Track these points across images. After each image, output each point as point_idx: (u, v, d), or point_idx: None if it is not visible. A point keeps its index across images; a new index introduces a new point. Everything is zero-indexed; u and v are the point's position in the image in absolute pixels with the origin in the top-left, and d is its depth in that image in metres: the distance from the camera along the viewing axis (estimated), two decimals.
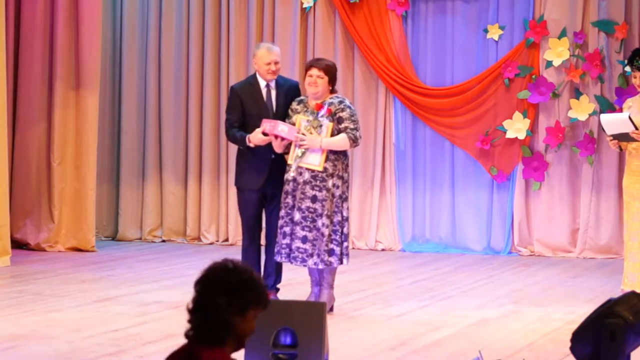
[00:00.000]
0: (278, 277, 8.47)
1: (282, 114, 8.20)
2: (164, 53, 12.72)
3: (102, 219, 12.75)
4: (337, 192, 8.05)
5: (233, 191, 12.55)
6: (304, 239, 7.85)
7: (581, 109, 11.54)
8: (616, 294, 6.16)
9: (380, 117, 12.19)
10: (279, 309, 5.55)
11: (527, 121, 11.71)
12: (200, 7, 12.61)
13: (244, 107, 8.28)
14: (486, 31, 11.88)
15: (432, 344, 6.92)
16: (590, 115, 11.51)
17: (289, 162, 7.93)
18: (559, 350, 6.62)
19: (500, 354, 6.50)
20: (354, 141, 8.08)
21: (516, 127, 11.72)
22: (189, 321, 3.46)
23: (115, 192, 13.00)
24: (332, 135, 7.94)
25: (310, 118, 7.94)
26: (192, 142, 12.61)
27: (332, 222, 7.94)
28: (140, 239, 12.85)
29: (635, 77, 8.26)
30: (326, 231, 7.89)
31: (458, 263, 11.09)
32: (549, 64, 11.66)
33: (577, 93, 11.58)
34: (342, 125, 7.96)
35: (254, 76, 8.42)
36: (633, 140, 8.11)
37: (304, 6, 12.31)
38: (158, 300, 8.46)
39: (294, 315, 5.52)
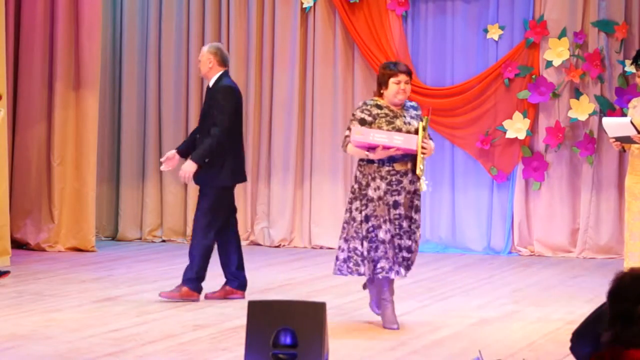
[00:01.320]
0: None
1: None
2: (164, 53, 12.73)
3: (102, 219, 12.75)
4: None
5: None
6: (409, 249, 7.36)
7: (581, 109, 11.54)
8: None
9: None
10: (279, 309, 5.55)
11: (527, 121, 11.71)
12: (200, 7, 12.61)
13: None
14: (486, 31, 11.88)
15: (432, 344, 6.92)
16: (590, 115, 11.51)
17: (417, 172, 7.29)
18: (559, 350, 6.62)
19: (500, 354, 6.49)
20: None
21: (516, 127, 11.72)
22: (608, 328, 3.58)
23: (115, 192, 13.00)
24: None
25: (414, 124, 7.36)
26: None
27: None
28: (140, 239, 12.86)
29: (639, 77, 8.26)
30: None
31: (458, 263, 11.09)
32: (549, 64, 11.66)
33: (577, 93, 11.58)
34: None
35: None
36: (635, 143, 8.12)
37: (304, 6, 12.31)
38: (158, 300, 8.46)
39: (294, 315, 5.52)
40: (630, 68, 11.10)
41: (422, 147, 7.22)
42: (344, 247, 7.33)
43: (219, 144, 8.37)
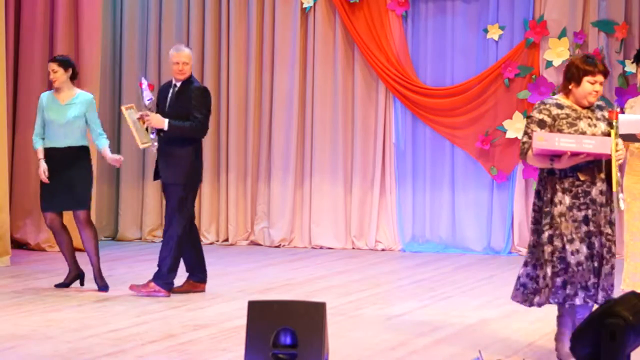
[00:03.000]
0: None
1: (175, 115, 8.63)
2: (164, 53, 12.72)
3: (102, 219, 12.74)
4: None
5: (233, 191, 12.59)
6: (601, 272, 6.29)
7: None
8: (616, 294, 6.15)
9: (380, 117, 12.19)
10: (279, 309, 5.55)
11: None
12: (200, 8, 12.61)
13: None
14: (486, 31, 11.88)
15: (432, 344, 6.92)
16: None
17: (614, 189, 6.31)
18: None
19: (500, 354, 6.50)
20: None
21: (516, 127, 11.72)
22: None
23: (115, 192, 13.00)
24: None
25: (601, 126, 6.36)
26: None
27: None
28: (140, 239, 12.86)
29: None
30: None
31: (458, 263, 11.09)
32: (549, 64, 11.66)
33: None
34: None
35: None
36: (638, 141, 8.09)
37: (304, 6, 12.31)
38: (158, 300, 8.46)
39: (294, 315, 5.52)
40: (630, 68, 11.10)
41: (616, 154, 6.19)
42: (522, 271, 6.46)
43: (196, 132, 8.69)
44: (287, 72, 12.37)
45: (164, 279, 8.64)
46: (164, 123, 8.57)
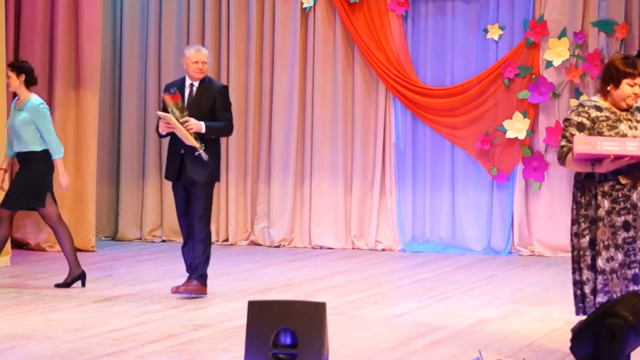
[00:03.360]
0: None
1: (196, 114, 8.52)
2: (164, 53, 12.73)
3: (102, 219, 12.75)
4: None
5: (233, 191, 12.59)
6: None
7: None
8: None
9: (380, 117, 12.19)
10: (278, 309, 5.56)
11: (527, 121, 11.71)
12: (200, 7, 12.61)
13: None
14: (486, 31, 11.88)
15: (432, 344, 6.92)
16: None
17: None
18: (559, 350, 6.62)
19: (500, 354, 6.50)
20: None
21: (516, 127, 11.72)
22: None
23: (115, 192, 13.00)
24: None
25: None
26: None
27: None
28: (140, 239, 12.86)
29: None
30: None
31: (458, 263, 11.09)
32: (549, 64, 11.66)
33: (577, 93, 11.57)
34: None
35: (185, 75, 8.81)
36: None
37: (304, 6, 12.31)
38: (158, 300, 8.47)
39: (294, 315, 5.52)
40: None
41: None
42: (573, 280, 6.24)
43: (228, 132, 8.85)
44: (287, 72, 12.37)
45: (205, 278, 8.66)
46: (202, 126, 8.53)
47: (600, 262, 6.03)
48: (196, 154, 8.49)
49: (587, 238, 6.12)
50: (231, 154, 12.53)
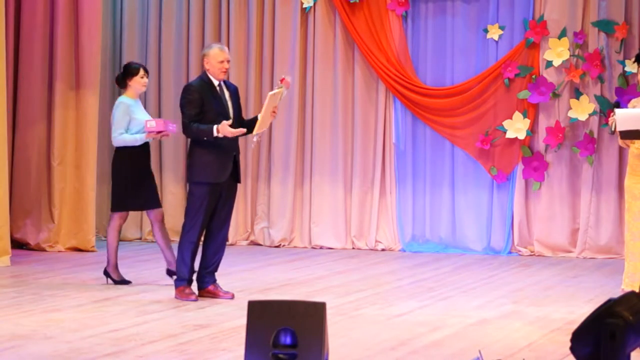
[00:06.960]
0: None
1: (237, 114, 8.57)
2: (164, 53, 12.73)
3: (102, 219, 12.74)
4: None
5: None
6: None
7: (581, 109, 11.55)
8: (616, 294, 6.15)
9: (380, 117, 12.19)
10: (278, 309, 5.55)
11: (527, 121, 11.71)
12: (200, 8, 12.62)
13: (204, 104, 8.48)
14: (486, 31, 11.89)
15: (432, 344, 6.92)
16: (590, 115, 11.52)
17: None
18: (559, 350, 6.62)
19: (500, 354, 6.50)
20: None
21: (516, 127, 11.72)
22: None
23: None
24: None
25: None
26: None
27: None
28: (140, 239, 12.86)
29: None
30: None
31: (458, 263, 11.09)
32: (549, 64, 11.66)
33: (577, 93, 11.58)
34: None
35: (205, 75, 8.67)
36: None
37: (304, 6, 12.32)
38: (158, 300, 8.47)
39: (294, 315, 5.51)
40: (631, 67, 11.11)
41: None
42: None
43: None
44: (287, 72, 12.37)
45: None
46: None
47: None
48: (255, 139, 8.54)
49: None
50: None
